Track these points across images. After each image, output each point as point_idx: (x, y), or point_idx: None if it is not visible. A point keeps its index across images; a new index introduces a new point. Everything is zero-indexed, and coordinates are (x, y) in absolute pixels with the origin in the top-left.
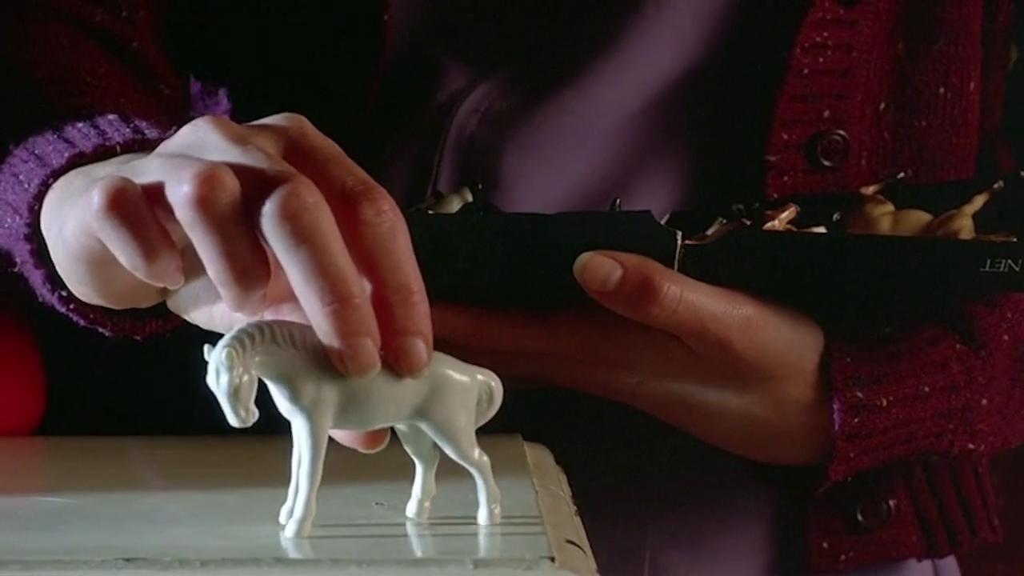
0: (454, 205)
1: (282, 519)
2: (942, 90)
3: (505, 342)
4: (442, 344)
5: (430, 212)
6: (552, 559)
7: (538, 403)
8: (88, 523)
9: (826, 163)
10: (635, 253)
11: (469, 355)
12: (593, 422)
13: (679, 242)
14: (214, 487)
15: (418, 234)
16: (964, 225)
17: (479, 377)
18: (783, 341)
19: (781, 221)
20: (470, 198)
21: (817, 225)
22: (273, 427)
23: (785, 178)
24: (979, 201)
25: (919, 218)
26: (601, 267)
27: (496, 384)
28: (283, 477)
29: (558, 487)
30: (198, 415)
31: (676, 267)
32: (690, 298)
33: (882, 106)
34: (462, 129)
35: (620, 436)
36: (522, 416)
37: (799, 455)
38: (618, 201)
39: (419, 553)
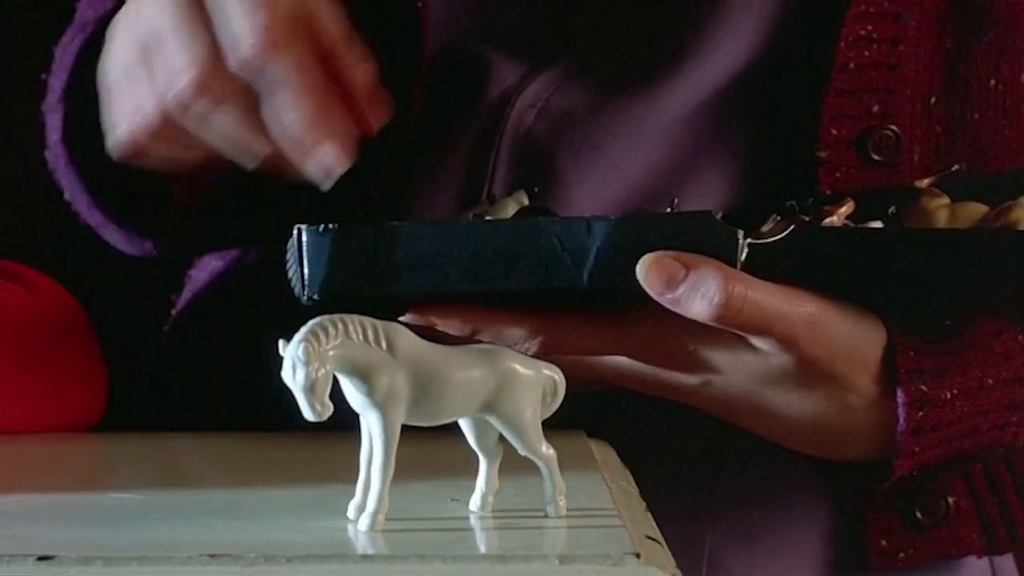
0: (510, 209)
1: (350, 514)
2: (993, 82)
3: (571, 347)
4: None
5: (487, 219)
6: (637, 555)
7: (596, 400)
8: (166, 519)
9: (877, 158)
10: (697, 253)
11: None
12: (652, 419)
13: (741, 241)
14: (281, 483)
15: (482, 240)
16: (1022, 216)
17: (544, 371)
18: (847, 337)
19: (839, 216)
20: (526, 201)
21: (873, 220)
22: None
23: (837, 174)
24: None
25: (976, 210)
26: (665, 268)
27: (560, 378)
28: (347, 472)
29: (628, 483)
30: (261, 411)
31: (739, 266)
32: (755, 297)
33: (933, 100)
34: (519, 124)
35: (679, 433)
36: (581, 413)
37: (865, 451)
38: (676, 201)
39: (501, 548)
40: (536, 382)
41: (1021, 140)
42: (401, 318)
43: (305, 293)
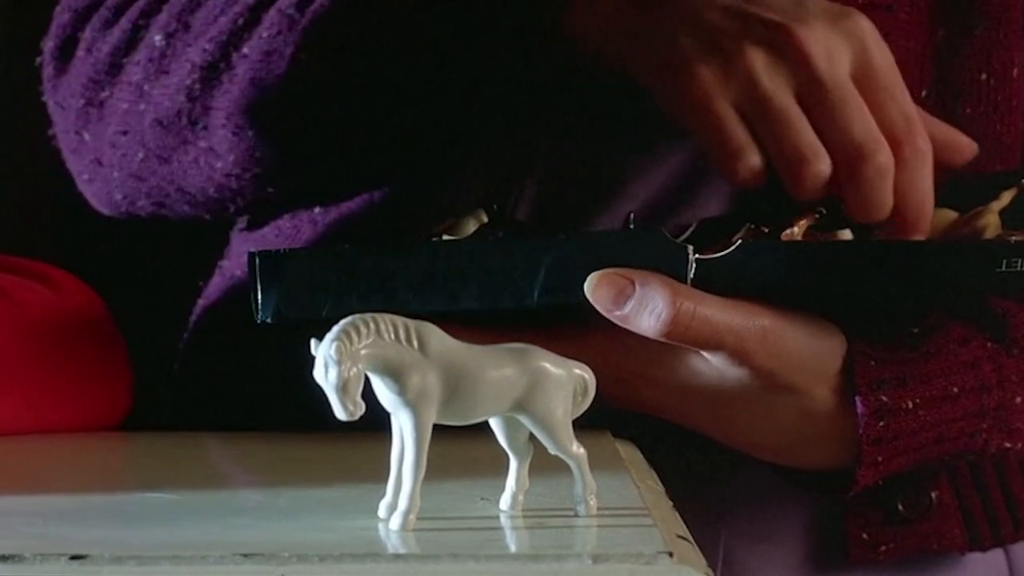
0: (469, 227)
1: (381, 513)
2: (984, 76)
3: None
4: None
5: (444, 237)
6: (670, 554)
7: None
8: (196, 518)
9: None
10: (647, 270)
11: None
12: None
13: (691, 256)
14: (311, 482)
15: (431, 261)
16: (990, 222)
17: (575, 371)
18: (802, 349)
19: (800, 227)
20: (485, 219)
21: (844, 228)
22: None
23: None
24: (1007, 197)
25: (945, 216)
26: (613, 285)
27: (590, 377)
28: (376, 472)
29: (655, 482)
30: (289, 410)
31: (688, 282)
32: (703, 313)
33: (923, 93)
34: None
35: (693, 433)
36: (601, 414)
37: (828, 460)
38: (632, 215)
39: (533, 547)
40: (567, 381)
41: (1012, 134)
42: None
43: (259, 317)
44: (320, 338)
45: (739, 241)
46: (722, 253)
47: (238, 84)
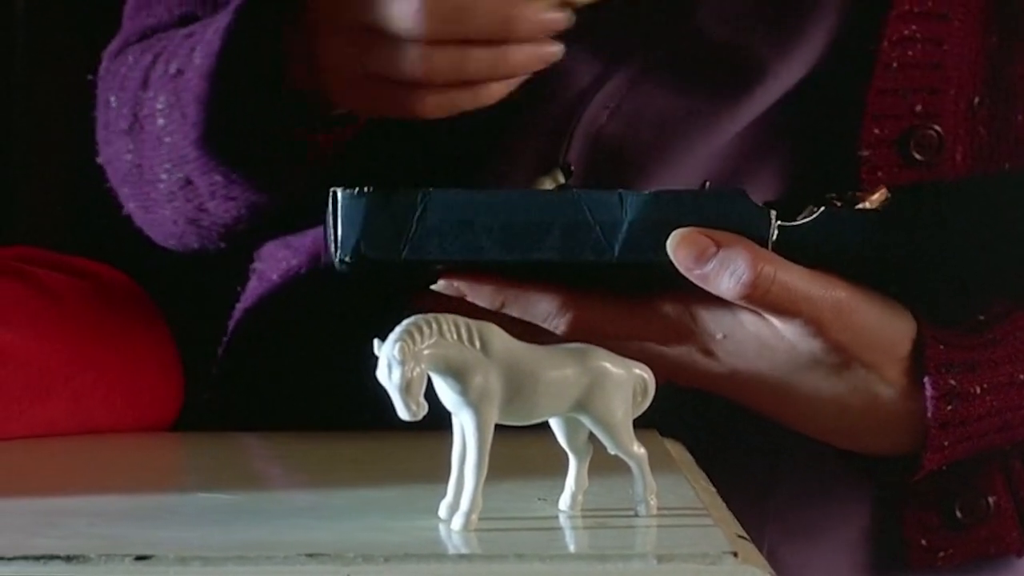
0: (546, 187)
1: (442, 513)
2: None
3: (591, 323)
4: (530, 325)
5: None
6: (735, 554)
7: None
8: (257, 518)
9: (919, 158)
10: (729, 231)
11: (559, 338)
12: (708, 414)
13: (773, 221)
14: (363, 482)
15: (514, 210)
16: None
17: (635, 371)
18: (875, 326)
19: (872, 202)
20: (562, 180)
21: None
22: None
23: (879, 173)
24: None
25: None
26: (695, 244)
27: (649, 377)
28: (434, 471)
29: (707, 482)
30: (329, 410)
31: (770, 246)
32: (783, 279)
33: (976, 100)
34: (591, 124)
35: (734, 429)
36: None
37: (892, 444)
38: (707, 184)
39: (597, 547)
40: (627, 381)
41: None
42: (432, 286)
43: (337, 255)
44: (383, 338)
45: (822, 208)
46: (805, 220)
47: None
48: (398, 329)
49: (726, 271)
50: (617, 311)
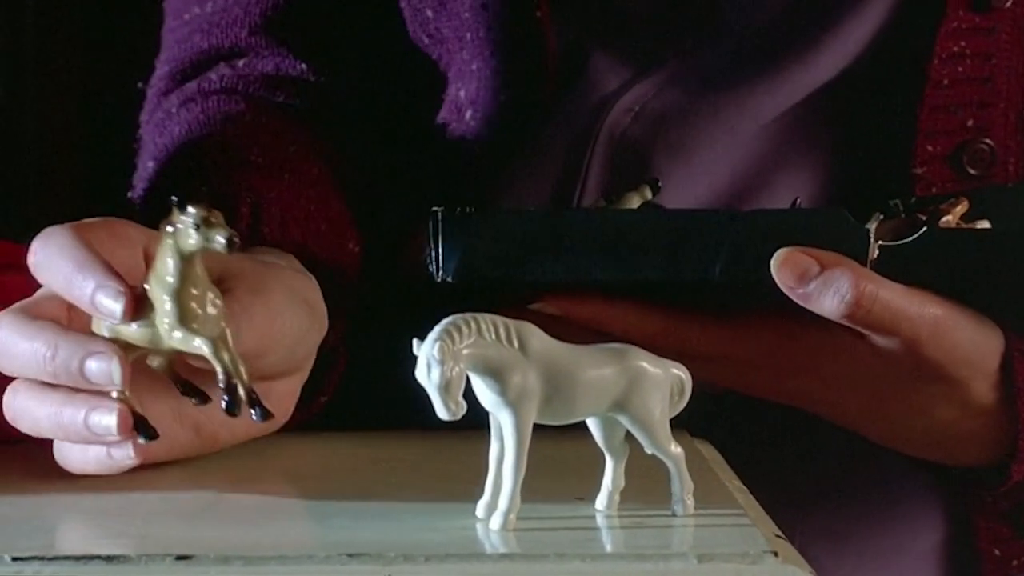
0: (634, 202)
1: (479, 513)
2: None
3: (692, 344)
4: (568, 326)
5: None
6: (775, 553)
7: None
8: (296, 518)
9: (973, 172)
10: (828, 251)
11: (597, 339)
12: (745, 415)
13: (872, 241)
14: (407, 482)
15: (615, 230)
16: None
17: (672, 370)
18: (968, 342)
19: (955, 215)
20: (650, 195)
21: (980, 219)
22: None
23: (933, 189)
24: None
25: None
26: (798, 264)
27: (687, 377)
28: (469, 471)
29: (739, 482)
30: (364, 410)
31: (869, 265)
32: (885, 297)
33: None
34: (615, 127)
35: (772, 429)
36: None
37: (980, 456)
38: (799, 201)
39: (636, 546)
40: (664, 381)
41: None
42: (531, 306)
43: (439, 275)
44: (422, 338)
45: (924, 228)
46: (907, 240)
47: None
48: (437, 329)
49: (829, 291)
50: (714, 332)
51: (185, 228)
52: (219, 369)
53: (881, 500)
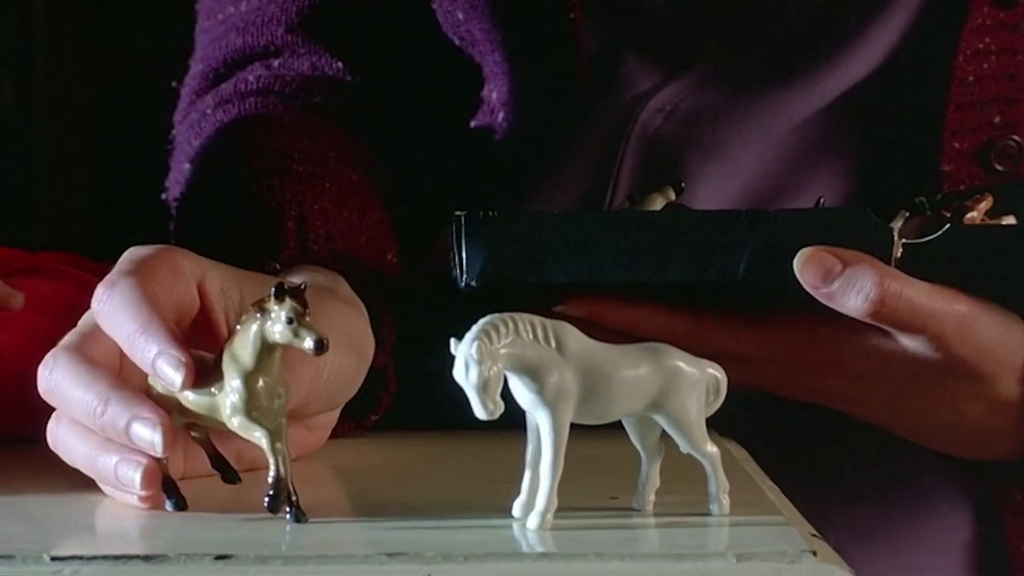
0: (657, 203)
1: (516, 512)
2: None
3: (718, 344)
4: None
5: (644, 210)
6: (814, 553)
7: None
8: (337, 517)
9: (1000, 168)
10: (852, 249)
11: (633, 339)
12: (772, 414)
13: (896, 239)
14: (444, 481)
15: (638, 231)
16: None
17: (708, 370)
18: (994, 338)
19: (979, 211)
20: (673, 196)
21: (1007, 213)
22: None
23: (961, 187)
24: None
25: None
26: (822, 263)
27: (722, 376)
28: (504, 470)
29: (770, 482)
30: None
31: (893, 263)
32: (909, 295)
33: None
34: (647, 127)
35: (800, 428)
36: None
37: (1007, 451)
38: (822, 200)
39: (674, 546)
40: (700, 380)
41: None
42: (555, 308)
43: (463, 279)
44: (459, 338)
45: (948, 225)
46: (930, 237)
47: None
48: (475, 328)
49: (853, 289)
50: (738, 332)
51: (276, 319)
52: (271, 465)
53: (909, 498)
